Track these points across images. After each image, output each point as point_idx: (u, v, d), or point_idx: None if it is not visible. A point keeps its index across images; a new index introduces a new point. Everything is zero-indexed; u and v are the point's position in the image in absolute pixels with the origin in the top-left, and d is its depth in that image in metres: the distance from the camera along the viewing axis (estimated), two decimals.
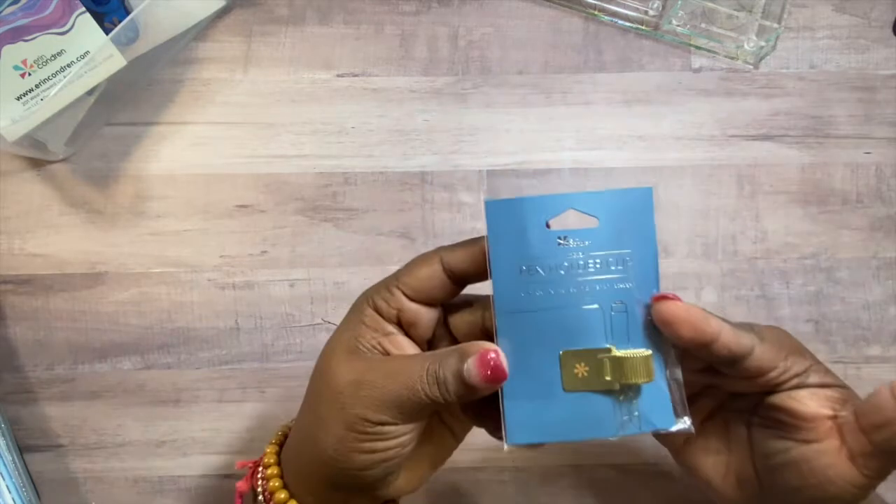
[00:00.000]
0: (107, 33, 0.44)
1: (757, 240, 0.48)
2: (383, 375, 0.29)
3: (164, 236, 0.47)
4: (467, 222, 0.48)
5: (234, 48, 0.49)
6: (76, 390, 0.46)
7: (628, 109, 0.49)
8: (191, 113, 0.48)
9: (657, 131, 0.49)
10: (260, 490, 0.32)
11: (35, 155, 0.47)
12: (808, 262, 0.48)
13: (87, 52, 0.44)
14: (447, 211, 0.48)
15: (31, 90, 0.44)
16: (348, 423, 0.29)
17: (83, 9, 0.44)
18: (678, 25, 0.48)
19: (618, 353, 0.28)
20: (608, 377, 0.28)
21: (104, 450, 0.46)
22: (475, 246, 0.30)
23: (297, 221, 0.48)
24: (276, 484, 0.32)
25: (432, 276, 0.30)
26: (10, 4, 0.44)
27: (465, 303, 0.32)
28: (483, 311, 0.31)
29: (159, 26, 0.45)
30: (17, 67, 0.43)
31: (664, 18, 0.48)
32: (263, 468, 0.33)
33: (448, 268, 0.30)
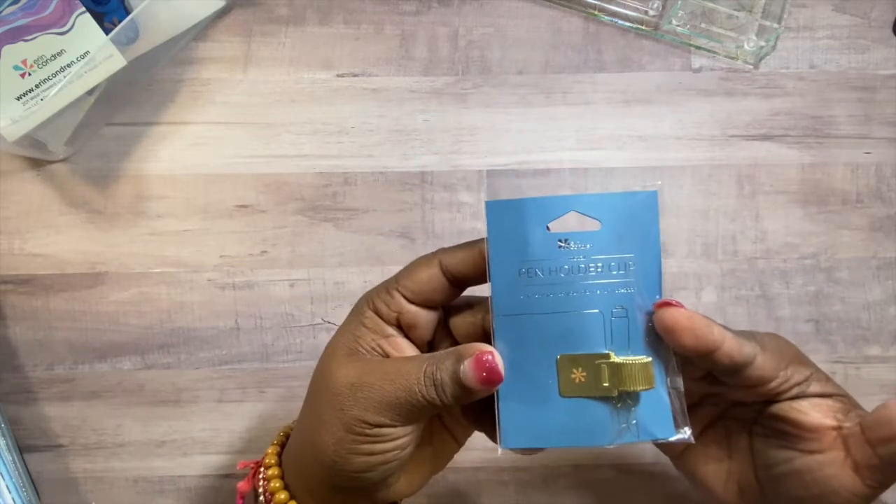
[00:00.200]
0: (107, 33, 0.44)
1: (757, 240, 0.48)
2: (381, 377, 0.29)
3: (164, 236, 0.47)
4: (467, 222, 0.48)
5: (234, 48, 0.49)
6: (76, 390, 0.46)
7: (628, 109, 0.49)
8: (191, 113, 0.48)
9: (657, 131, 0.49)
10: (261, 490, 0.32)
11: (35, 155, 0.47)
12: (808, 262, 0.48)
13: (87, 52, 0.44)
14: (447, 211, 0.48)
15: (31, 90, 0.44)
16: (347, 425, 0.29)
17: (83, 9, 0.44)
18: (678, 25, 0.48)
19: (617, 359, 0.28)
20: (606, 383, 0.28)
21: (104, 450, 0.46)
22: (474, 248, 0.30)
23: (297, 221, 0.48)
24: (276, 485, 0.32)
25: (431, 278, 0.30)
26: (10, 4, 0.44)
27: (466, 304, 0.32)
28: (484, 312, 0.31)
29: (159, 26, 0.45)
30: (17, 67, 0.43)
31: (664, 18, 0.48)
32: (264, 469, 0.33)
33: (447, 270, 0.30)
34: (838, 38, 0.50)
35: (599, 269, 0.28)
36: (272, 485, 0.32)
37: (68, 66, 0.44)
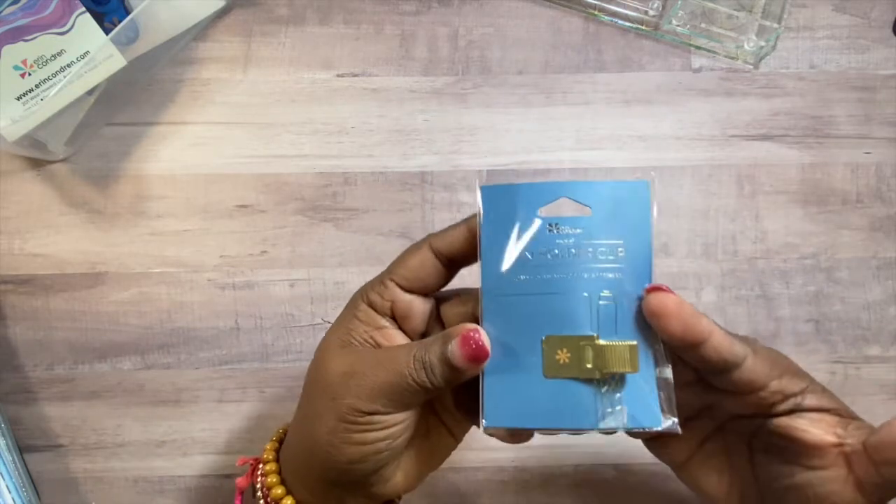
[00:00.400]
0: (107, 33, 0.44)
1: (757, 240, 0.48)
2: (373, 365, 0.29)
3: (164, 236, 0.47)
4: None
5: (234, 48, 0.49)
6: (76, 390, 0.46)
7: (628, 109, 0.49)
8: (191, 113, 0.48)
9: (657, 131, 0.49)
10: (259, 486, 0.33)
11: (35, 155, 0.47)
12: (808, 262, 0.48)
13: (87, 52, 0.44)
14: (447, 211, 0.48)
15: (31, 90, 0.44)
16: (340, 414, 0.29)
17: (83, 9, 0.44)
18: (678, 25, 0.48)
19: (601, 341, 0.28)
20: (589, 365, 0.27)
21: (104, 450, 0.46)
22: (462, 227, 0.30)
23: (297, 221, 0.48)
24: (273, 480, 0.32)
25: (423, 262, 0.31)
26: (10, 4, 0.44)
27: (457, 295, 0.32)
28: (474, 302, 0.31)
29: (159, 26, 0.45)
30: (17, 67, 0.43)
31: (664, 18, 0.48)
32: (262, 465, 0.33)
33: (439, 252, 0.31)
34: (838, 38, 0.50)
35: (589, 254, 0.28)
36: (269, 480, 0.32)
37: (68, 66, 0.44)
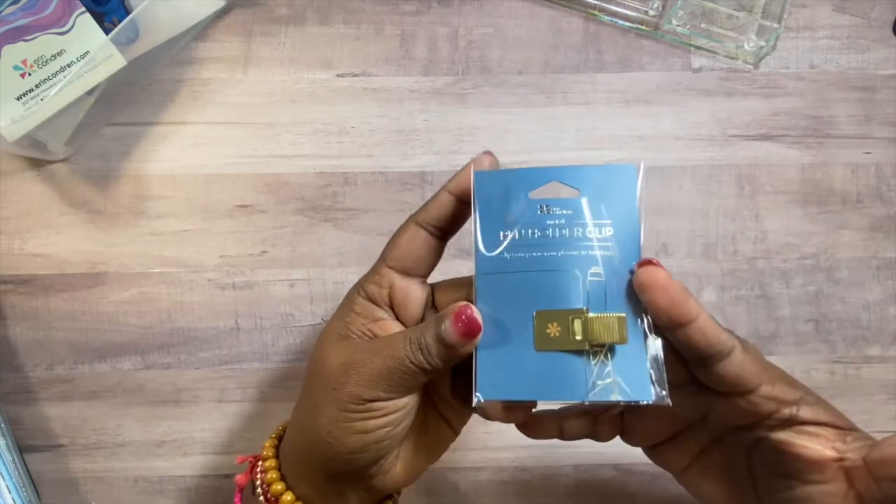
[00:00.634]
0: (107, 33, 0.44)
1: (757, 240, 0.48)
2: (371, 354, 0.30)
3: (164, 236, 0.47)
4: (467, 223, 0.48)
5: (234, 48, 0.49)
6: (76, 390, 0.46)
7: (628, 109, 0.49)
8: (191, 113, 0.48)
9: (657, 131, 0.49)
10: (258, 483, 0.33)
11: (35, 155, 0.47)
12: (808, 262, 0.48)
13: (87, 52, 0.44)
14: None
15: (31, 90, 0.44)
16: (341, 403, 0.29)
17: (83, 9, 0.44)
18: (678, 25, 0.48)
19: (591, 314, 0.28)
20: (578, 336, 0.28)
21: (104, 450, 0.46)
22: (442, 194, 0.31)
23: (297, 221, 0.48)
24: (273, 476, 0.32)
25: (413, 238, 0.31)
26: (10, 4, 0.44)
27: (451, 284, 0.33)
28: (468, 288, 0.31)
29: (159, 26, 0.45)
30: (17, 67, 0.43)
31: (664, 18, 0.48)
32: (262, 461, 0.33)
33: (425, 225, 0.31)
34: (838, 38, 0.50)
35: (579, 234, 0.29)
36: (269, 476, 0.32)
37: (68, 66, 0.44)
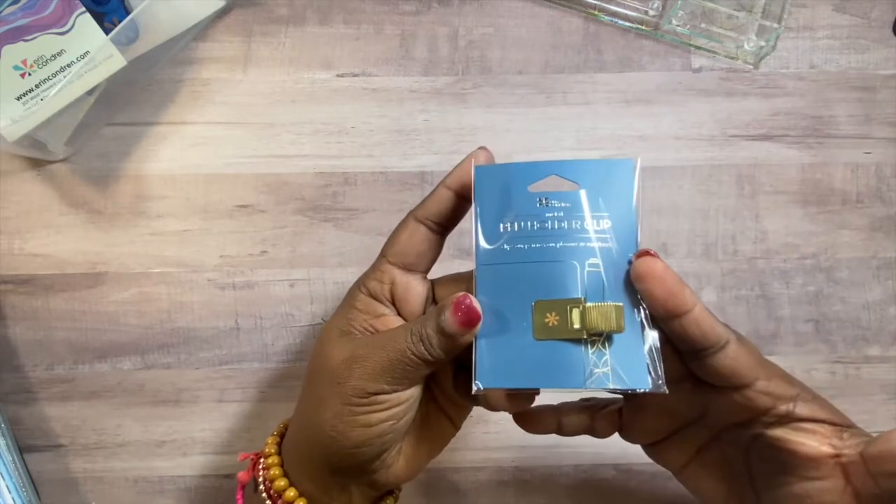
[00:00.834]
0: (107, 33, 0.44)
1: (757, 240, 0.48)
2: (374, 348, 0.30)
3: (164, 236, 0.47)
4: (467, 223, 0.47)
5: (234, 48, 0.49)
6: (76, 390, 0.46)
7: (628, 109, 0.49)
8: (191, 113, 0.48)
9: (657, 131, 0.49)
10: (260, 479, 0.33)
11: (35, 155, 0.47)
12: (808, 262, 0.48)
13: (87, 52, 0.44)
14: None
15: (31, 90, 0.44)
16: (345, 397, 0.30)
17: (83, 9, 0.44)
18: (678, 25, 0.48)
19: (589, 303, 0.29)
20: (576, 325, 0.28)
21: (104, 450, 0.46)
22: (440, 189, 0.32)
23: (297, 221, 0.48)
24: (275, 472, 0.32)
25: (413, 233, 0.32)
26: (10, 4, 0.44)
27: (452, 279, 0.33)
28: (468, 282, 0.31)
29: (159, 26, 0.45)
30: (17, 67, 0.43)
31: (664, 18, 0.48)
32: (264, 458, 0.33)
33: (424, 220, 0.32)
34: (838, 38, 0.50)
35: (577, 226, 0.30)
36: (271, 473, 0.33)
37: (68, 66, 0.44)
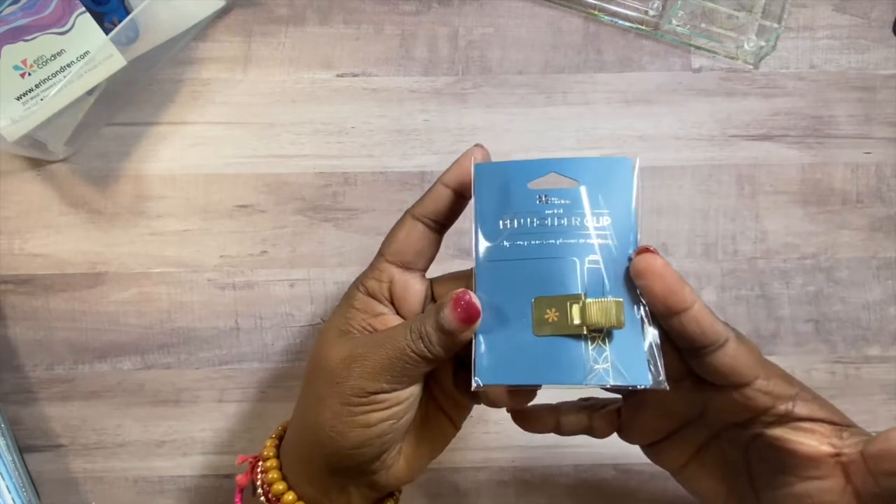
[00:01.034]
0: (107, 33, 0.44)
1: (757, 240, 0.48)
2: (372, 346, 0.30)
3: (164, 236, 0.47)
4: (466, 223, 0.47)
5: (234, 48, 0.49)
6: (76, 390, 0.46)
7: (628, 109, 0.49)
8: (191, 113, 0.48)
9: (657, 131, 0.49)
10: (259, 483, 0.33)
11: (35, 155, 0.47)
12: (808, 262, 0.48)
13: (87, 52, 0.44)
14: None
15: (31, 90, 0.44)
16: (344, 397, 0.30)
17: (83, 9, 0.44)
18: (678, 25, 0.48)
19: (588, 299, 0.28)
20: (576, 321, 0.28)
21: (104, 450, 0.46)
22: (438, 186, 0.32)
23: (297, 221, 0.48)
24: (274, 476, 0.32)
25: (410, 232, 0.32)
26: (10, 4, 0.44)
27: (450, 278, 0.33)
28: (467, 279, 0.31)
29: (159, 26, 0.45)
30: (17, 67, 0.43)
31: (664, 18, 0.48)
32: (262, 461, 0.33)
33: (421, 218, 0.32)
34: (838, 38, 0.50)
35: (577, 223, 0.30)
36: (270, 476, 0.32)
37: (68, 66, 0.44)
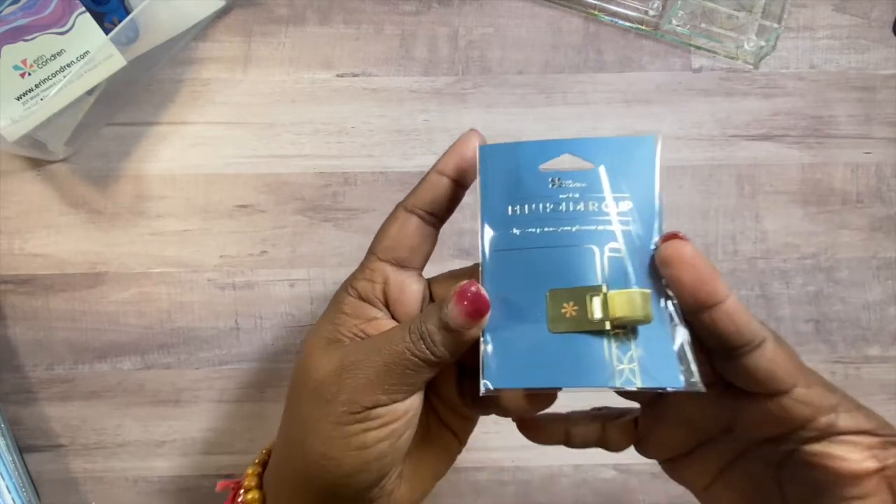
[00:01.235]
0: (107, 33, 0.44)
1: (757, 240, 0.48)
2: (367, 353, 0.27)
3: (164, 236, 0.47)
4: (467, 222, 0.48)
5: (234, 48, 0.49)
6: (76, 390, 0.46)
7: (628, 109, 0.49)
8: (191, 113, 0.48)
9: (657, 131, 0.49)
10: None
11: (35, 155, 0.47)
12: (808, 262, 0.48)
13: (87, 52, 0.44)
14: None
15: (31, 90, 0.44)
16: (335, 416, 0.26)
17: (83, 9, 0.44)
18: (678, 25, 0.48)
19: (611, 291, 0.25)
20: (598, 316, 0.25)
21: (104, 450, 0.46)
22: (432, 175, 0.29)
23: (297, 221, 0.48)
24: None
25: (403, 226, 0.29)
26: (10, 4, 0.44)
27: (450, 276, 0.31)
28: (467, 277, 0.29)
29: (159, 26, 0.45)
30: (17, 67, 0.43)
31: (664, 18, 0.48)
32: (244, 492, 0.30)
33: (415, 209, 0.29)
34: (838, 38, 0.50)
35: (594, 208, 0.27)
36: None
37: (68, 65, 0.44)
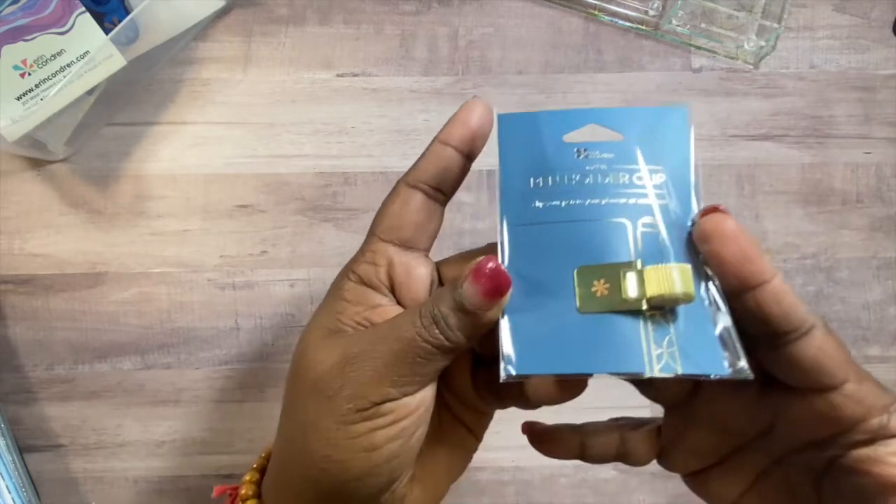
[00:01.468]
0: (107, 33, 0.44)
1: (757, 240, 0.48)
2: (373, 341, 0.24)
3: (164, 236, 0.47)
4: (467, 222, 0.48)
5: (234, 48, 0.49)
6: (76, 390, 0.46)
7: None
8: (191, 113, 0.48)
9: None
10: None
11: (35, 155, 0.47)
12: (808, 262, 0.48)
13: (87, 52, 0.44)
14: (447, 211, 0.48)
15: (31, 90, 0.44)
16: (339, 415, 0.24)
17: (83, 9, 0.44)
18: (678, 25, 0.48)
19: (647, 267, 0.23)
20: (633, 294, 0.23)
21: (104, 450, 0.46)
22: (435, 146, 0.27)
23: (297, 221, 0.48)
24: None
25: (406, 201, 0.27)
26: (10, 4, 0.44)
27: (462, 258, 0.28)
28: (481, 255, 0.26)
29: (159, 26, 0.45)
30: (17, 67, 0.43)
31: (664, 18, 0.48)
32: (241, 501, 0.28)
33: (418, 184, 0.27)
34: (838, 38, 0.50)
35: (624, 180, 0.24)
36: None
37: (68, 65, 0.44)
